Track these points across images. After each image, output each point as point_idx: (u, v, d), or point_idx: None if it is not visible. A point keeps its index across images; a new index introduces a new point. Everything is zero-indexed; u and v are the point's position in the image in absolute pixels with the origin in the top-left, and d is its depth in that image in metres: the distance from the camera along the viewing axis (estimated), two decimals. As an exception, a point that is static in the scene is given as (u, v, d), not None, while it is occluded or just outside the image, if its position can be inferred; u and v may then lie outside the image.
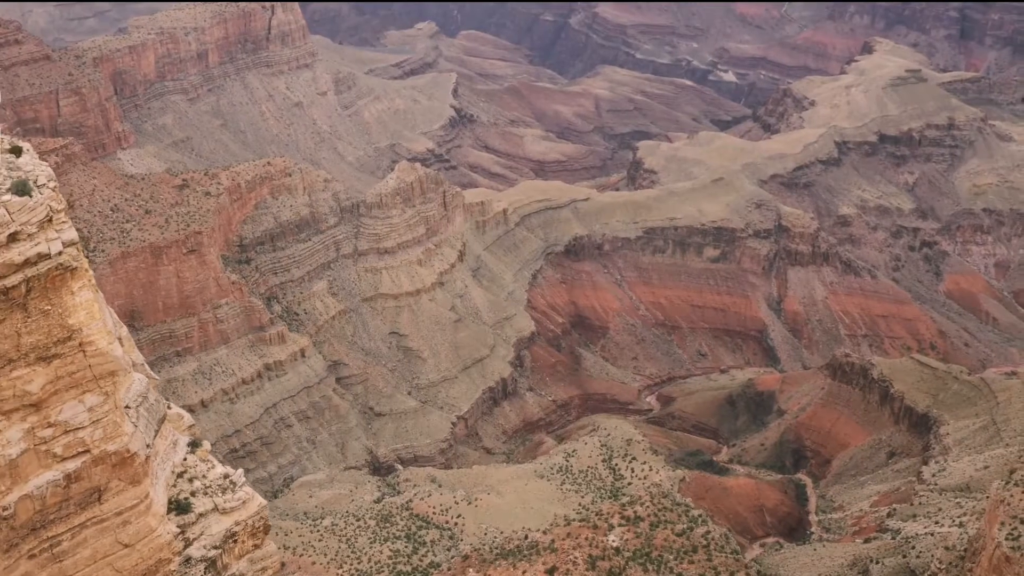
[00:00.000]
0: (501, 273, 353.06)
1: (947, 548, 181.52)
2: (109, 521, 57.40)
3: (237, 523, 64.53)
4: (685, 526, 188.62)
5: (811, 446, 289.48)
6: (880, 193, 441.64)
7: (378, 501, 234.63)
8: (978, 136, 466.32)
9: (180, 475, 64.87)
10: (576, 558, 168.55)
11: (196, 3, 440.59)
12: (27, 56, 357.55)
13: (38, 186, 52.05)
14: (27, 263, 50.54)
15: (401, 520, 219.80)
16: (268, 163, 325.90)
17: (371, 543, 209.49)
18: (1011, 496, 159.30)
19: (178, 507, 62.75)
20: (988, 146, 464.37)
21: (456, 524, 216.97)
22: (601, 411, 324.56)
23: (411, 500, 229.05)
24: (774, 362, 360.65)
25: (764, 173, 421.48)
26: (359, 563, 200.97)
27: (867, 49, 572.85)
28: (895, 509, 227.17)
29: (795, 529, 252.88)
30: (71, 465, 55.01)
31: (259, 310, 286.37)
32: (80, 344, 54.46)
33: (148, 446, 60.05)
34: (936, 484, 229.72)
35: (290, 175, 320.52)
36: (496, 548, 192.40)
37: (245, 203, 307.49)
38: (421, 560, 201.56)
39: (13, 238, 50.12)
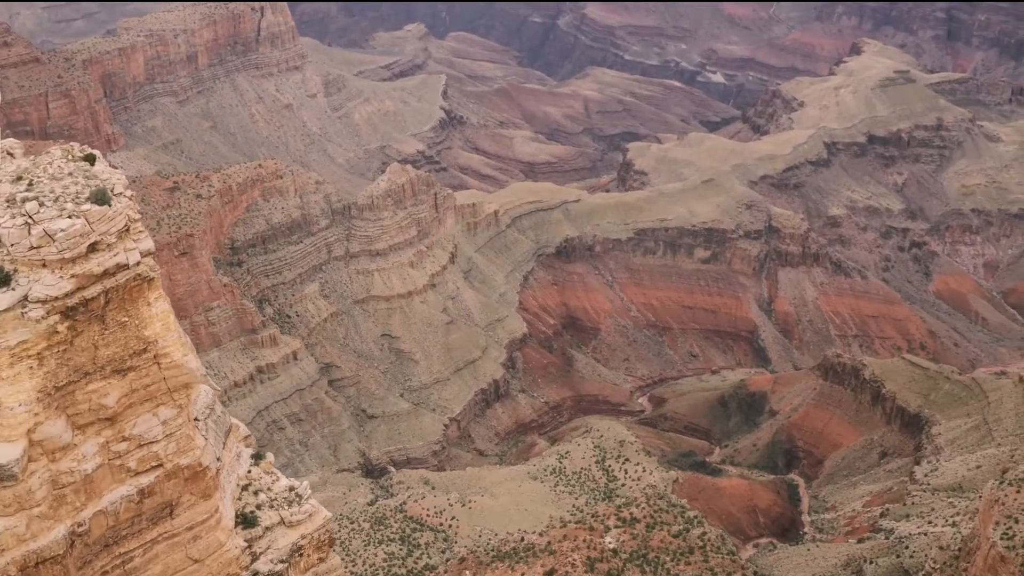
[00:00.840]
0: (493, 275, 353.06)
1: (941, 548, 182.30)
2: (180, 536, 56.65)
3: (303, 536, 63.76)
4: (681, 527, 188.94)
5: (803, 446, 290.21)
6: (869, 194, 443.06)
7: (371, 504, 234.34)
8: (966, 137, 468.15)
9: (244, 488, 64.06)
10: (575, 560, 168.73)
11: (185, 5, 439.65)
12: (16, 58, 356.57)
13: (115, 194, 51.09)
14: (106, 274, 49.55)
15: (395, 523, 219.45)
16: (259, 165, 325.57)
17: (365, 546, 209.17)
18: (1005, 496, 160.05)
19: (244, 521, 61.87)
20: (976, 147, 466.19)
21: (450, 526, 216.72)
22: (593, 412, 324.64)
23: (405, 502, 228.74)
24: (765, 363, 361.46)
25: (754, 174, 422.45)
26: (354, 566, 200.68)
27: (855, 50, 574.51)
28: (888, 509, 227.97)
29: (788, 530, 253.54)
30: (144, 480, 54.16)
31: (251, 313, 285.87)
32: (155, 356, 53.58)
33: (218, 459, 59.17)
34: (929, 484, 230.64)
35: (281, 177, 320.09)
36: (492, 550, 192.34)
37: (236, 205, 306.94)
38: (416, 563, 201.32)
39: (93, 248, 49.06)
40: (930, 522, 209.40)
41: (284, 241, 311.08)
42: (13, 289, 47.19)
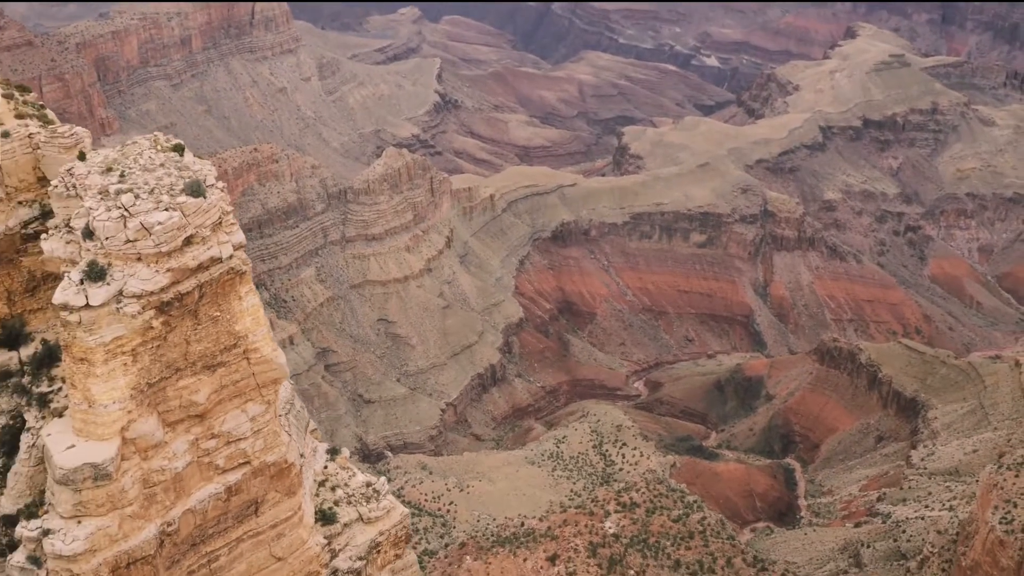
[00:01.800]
0: (488, 259, 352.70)
1: (939, 532, 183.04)
2: (265, 534, 55.74)
3: (381, 533, 63.18)
4: (681, 512, 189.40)
5: (800, 431, 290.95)
6: (864, 178, 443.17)
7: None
8: (961, 121, 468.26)
9: (321, 484, 63.39)
10: (577, 545, 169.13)
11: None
12: (9, 42, 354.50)
13: (207, 186, 49.78)
14: (200, 268, 48.35)
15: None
16: (255, 149, 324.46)
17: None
18: (1004, 480, 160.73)
19: (323, 517, 61.08)
20: (971, 131, 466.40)
21: (449, 511, 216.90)
22: (589, 397, 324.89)
23: (402, 487, 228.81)
24: (760, 347, 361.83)
25: (749, 158, 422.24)
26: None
27: (850, 34, 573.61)
28: (885, 493, 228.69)
29: (785, 514, 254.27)
30: (232, 477, 53.13)
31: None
32: (245, 351, 52.31)
33: (301, 455, 58.01)
34: (925, 468, 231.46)
35: (277, 162, 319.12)
36: (491, 535, 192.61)
37: (232, 190, 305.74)
38: (415, 548, 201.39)
39: (188, 242, 47.78)
40: (927, 506, 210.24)
41: (280, 225, 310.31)
42: (108, 284, 46.01)
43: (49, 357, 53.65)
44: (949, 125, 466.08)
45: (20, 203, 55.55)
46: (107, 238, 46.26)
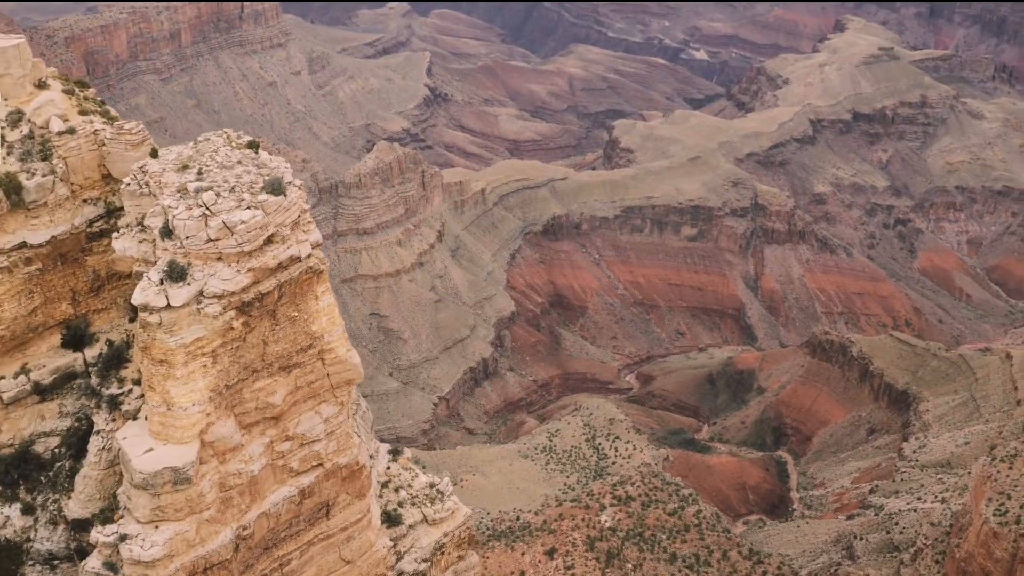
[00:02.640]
0: (480, 253, 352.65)
1: (932, 524, 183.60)
2: (335, 537, 54.97)
3: (446, 534, 62.58)
4: (676, 505, 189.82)
5: (791, 423, 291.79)
6: (854, 171, 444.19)
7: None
8: (950, 114, 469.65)
9: (384, 485, 62.56)
10: (575, 539, 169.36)
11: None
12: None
13: (286, 184, 48.69)
14: (279, 267, 47.43)
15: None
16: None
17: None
18: (998, 472, 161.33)
19: (389, 519, 60.30)
20: (960, 124, 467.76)
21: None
22: (581, 390, 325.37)
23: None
24: (751, 340, 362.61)
25: (740, 151, 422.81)
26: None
27: (839, 27, 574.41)
28: (877, 485, 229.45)
29: (777, 506, 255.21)
30: (305, 480, 52.22)
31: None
32: (320, 352, 51.24)
33: (371, 457, 56.90)
34: (917, 460, 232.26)
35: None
36: (487, 530, 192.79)
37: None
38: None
39: (268, 241, 46.90)
40: (919, 498, 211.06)
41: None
42: (189, 284, 45.05)
43: (117, 358, 52.72)
44: (938, 118, 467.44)
45: (85, 201, 54.63)
46: (187, 237, 45.34)
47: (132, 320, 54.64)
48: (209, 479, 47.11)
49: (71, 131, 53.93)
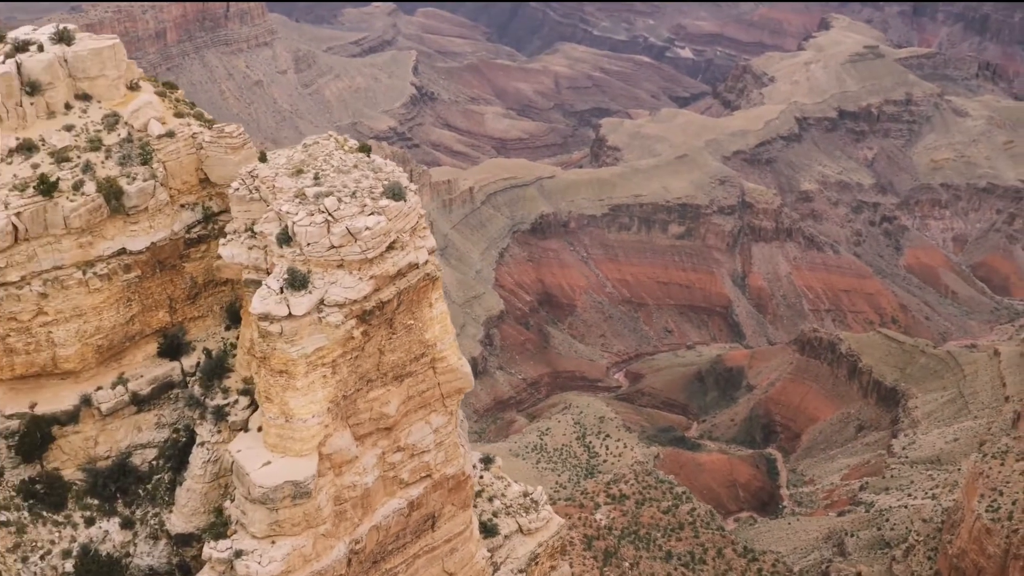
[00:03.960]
0: (468, 252, 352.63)
1: (924, 520, 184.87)
2: (439, 549, 53.47)
3: (540, 544, 61.18)
4: (670, 503, 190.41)
5: (781, 421, 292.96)
6: (840, 168, 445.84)
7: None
8: (935, 111, 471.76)
9: (478, 494, 60.58)
10: (572, 538, 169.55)
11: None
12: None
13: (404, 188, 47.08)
14: (399, 274, 45.94)
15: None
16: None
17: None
18: (989, 468, 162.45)
19: (485, 530, 58.69)
20: (945, 121, 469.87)
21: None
22: (570, 389, 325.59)
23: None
24: (739, 337, 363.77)
25: (727, 149, 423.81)
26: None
27: (824, 25, 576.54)
28: (867, 482, 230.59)
29: (767, 503, 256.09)
30: (414, 491, 50.80)
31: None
32: (432, 360, 49.71)
33: (475, 467, 55.45)
34: (906, 457, 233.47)
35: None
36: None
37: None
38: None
39: (390, 247, 45.46)
40: (910, 495, 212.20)
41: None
42: (310, 292, 43.66)
43: (219, 367, 51.48)
44: (923, 116, 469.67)
45: (182, 206, 53.32)
46: (308, 244, 44.04)
47: (228, 328, 54.13)
48: (325, 492, 46.01)
49: (170, 134, 52.87)
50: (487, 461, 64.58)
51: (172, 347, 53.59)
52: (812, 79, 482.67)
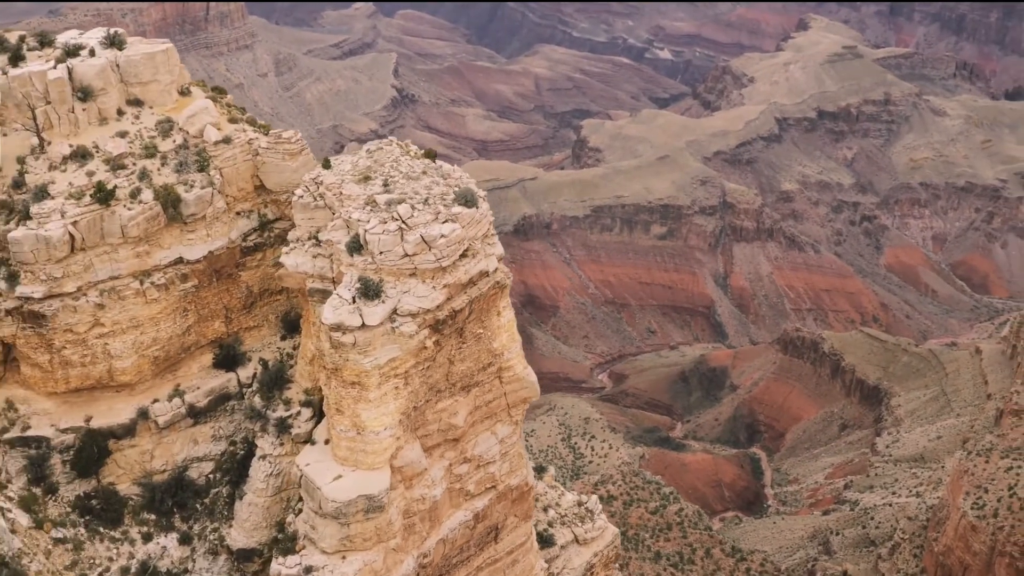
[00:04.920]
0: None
1: (909, 518, 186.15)
2: (501, 561, 52.54)
3: (596, 554, 60.74)
4: (658, 504, 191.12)
5: (764, 420, 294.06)
6: (820, 168, 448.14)
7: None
8: (913, 111, 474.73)
9: None
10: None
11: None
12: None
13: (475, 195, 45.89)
14: (470, 282, 44.98)
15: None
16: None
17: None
18: (974, 466, 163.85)
19: (542, 540, 58.02)
20: (923, 121, 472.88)
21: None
22: (554, 390, 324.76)
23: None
24: (722, 337, 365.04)
25: (708, 150, 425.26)
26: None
27: (802, 26, 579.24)
28: (851, 481, 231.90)
29: (752, 503, 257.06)
30: (479, 503, 49.89)
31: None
32: (499, 370, 48.79)
33: (536, 476, 54.35)
34: (890, 455, 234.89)
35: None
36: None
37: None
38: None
39: (463, 255, 44.55)
40: (894, 492, 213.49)
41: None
42: (383, 302, 42.59)
43: (278, 378, 50.17)
44: (901, 115, 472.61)
45: (238, 214, 52.28)
46: (381, 252, 43.05)
47: (284, 338, 53.01)
48: (396, 506, 45.12)
49: (227, 140, 52.04)
50: (540, 470, 63.78)
51: (228, 358, 52.68)
52: (791, 79, 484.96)
